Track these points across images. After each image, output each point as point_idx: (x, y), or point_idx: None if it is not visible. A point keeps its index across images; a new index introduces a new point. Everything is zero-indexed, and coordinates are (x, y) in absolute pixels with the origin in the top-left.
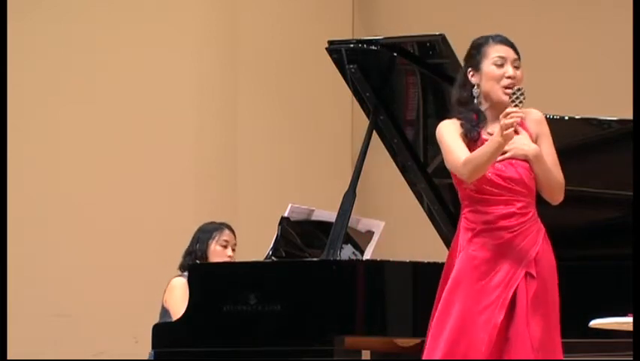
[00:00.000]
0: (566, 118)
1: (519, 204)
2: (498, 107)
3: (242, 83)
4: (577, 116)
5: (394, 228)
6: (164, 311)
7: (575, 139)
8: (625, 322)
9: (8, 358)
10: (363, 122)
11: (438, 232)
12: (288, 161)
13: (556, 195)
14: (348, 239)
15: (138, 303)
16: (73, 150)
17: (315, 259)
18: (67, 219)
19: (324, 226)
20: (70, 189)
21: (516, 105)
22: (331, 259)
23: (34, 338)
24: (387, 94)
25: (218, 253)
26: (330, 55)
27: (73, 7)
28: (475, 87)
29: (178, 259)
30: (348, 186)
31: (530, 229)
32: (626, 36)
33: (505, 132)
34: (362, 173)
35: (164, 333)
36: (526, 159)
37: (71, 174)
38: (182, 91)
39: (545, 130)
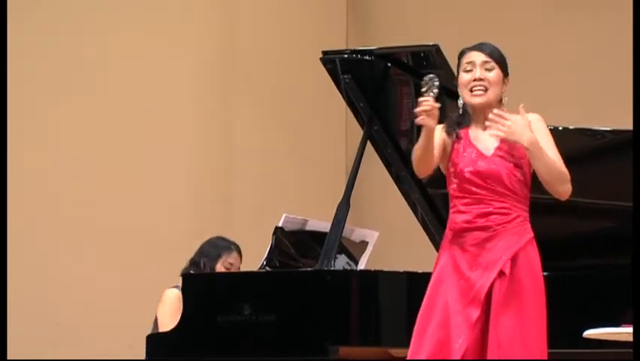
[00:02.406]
0: (560, 128)
1: (498, 204)
2: (473, 110)
3: (237, 93)
4: (571, 127)
5: (388, 238)
6: (156, 321)
7: (568, 149)
8: (619, 332)
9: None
10: (357, 132)
11: (432, 242)
12: (282, 171)
13: (559, 187)
14: (343, 249)
15: (133, 311)
16: (71, 158)
17: (309, 269)
18: (63, 228)
19: (318, 236)
20: (67, 198)
21: (427, 93)
22: (325, 269)
23: (29, 346)
24: (382, 104)
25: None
26: (325, 65)
27: (70, 12)
28: (460, 98)
29: (173, 267)
30: (342, 196)
31: (511, 230)
32: (625, 37)
33: (416, 120)
34: (356, 183)
35: (158, 343)
36: (513, 161)
37: (68, 184)
38: (179, 102)
39: (541, 128)
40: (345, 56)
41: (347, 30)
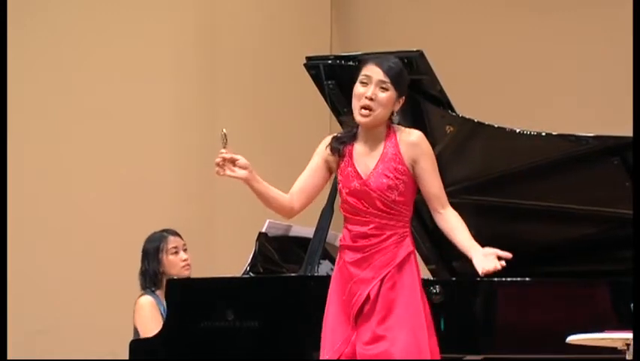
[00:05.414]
0: (543, 134)
1: (372, 225)
2: (361, 126)
3: (220, 98)
4: (554, 133)
5: None
6: (136, 331)
7: (552, 155)
8: (602, 338)
9: None
10: None
11: (416, 249)
12: (265, 176)
13: None
14: (326, 255)
15: (115, 317)
16: (49, 165)
17: (292, 274)
18: (43, 234)
19: (301, 242)
20: (46, 206)
21: (224, 147)
22: (309, 274)
23: (11, 353)
24: None
25: (172, 262)
26: (308, 71)
27: (62, 18)
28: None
29: None
30: (326, 202)
31: (384, 250)
32: (625, 35)
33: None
34: None
35: (141, 349)
36: (387, 181)
37: (44, 188)
38: (160, 106)
39: (425, 151)
40: (329, 61)
41: (331, 35)
